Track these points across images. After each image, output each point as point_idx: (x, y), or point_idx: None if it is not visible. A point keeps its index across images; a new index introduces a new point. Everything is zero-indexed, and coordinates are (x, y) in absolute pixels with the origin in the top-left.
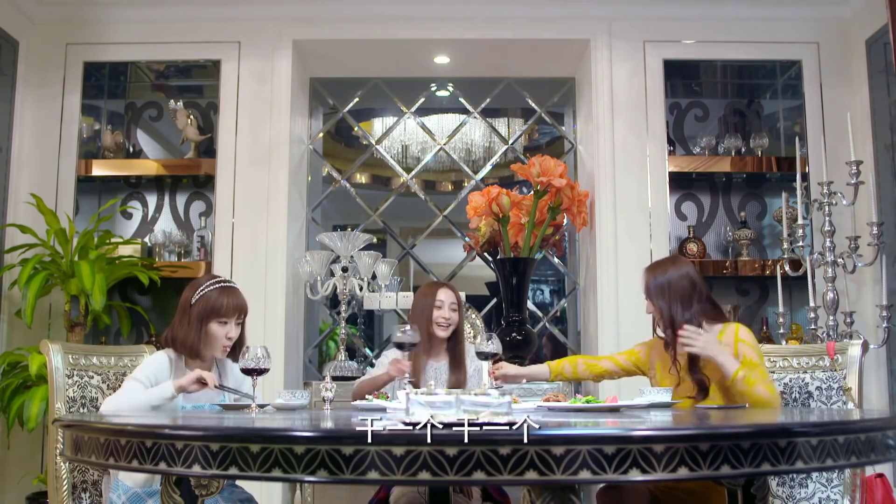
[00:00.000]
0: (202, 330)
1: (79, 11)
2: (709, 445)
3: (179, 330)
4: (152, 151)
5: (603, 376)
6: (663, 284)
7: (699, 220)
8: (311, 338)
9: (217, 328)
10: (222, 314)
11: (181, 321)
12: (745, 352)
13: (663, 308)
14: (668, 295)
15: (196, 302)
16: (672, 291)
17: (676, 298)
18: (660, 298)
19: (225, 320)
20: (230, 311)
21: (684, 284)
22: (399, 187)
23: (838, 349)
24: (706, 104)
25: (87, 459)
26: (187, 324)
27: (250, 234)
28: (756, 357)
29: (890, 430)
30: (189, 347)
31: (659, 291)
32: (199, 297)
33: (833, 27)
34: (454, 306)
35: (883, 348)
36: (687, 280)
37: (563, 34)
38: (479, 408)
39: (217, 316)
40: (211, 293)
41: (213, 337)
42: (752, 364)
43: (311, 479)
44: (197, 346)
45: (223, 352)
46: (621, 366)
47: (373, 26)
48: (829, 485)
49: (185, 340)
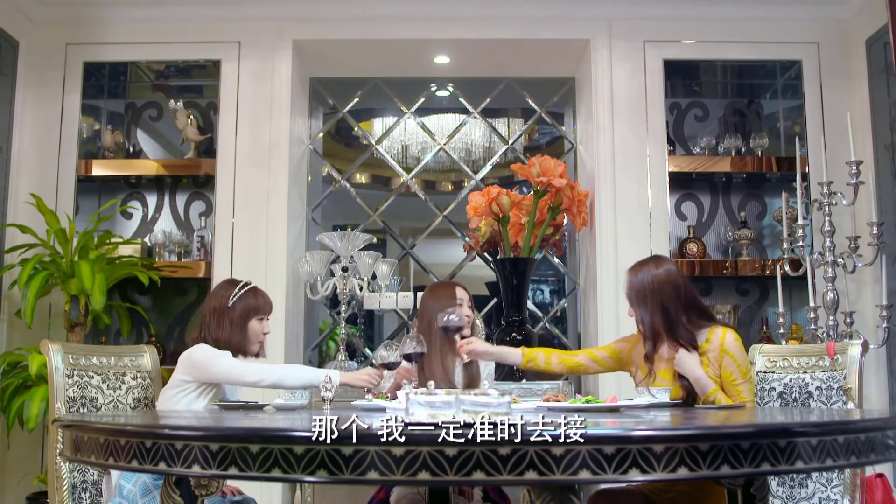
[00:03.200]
0: (245, 328)
1: (79, 11)
2: (709, 445)
3: (220, 331)
4: (152, 151)
5: (578, 370)
6: (644, 289)
7: (699, 220)
8: (311, 338)
9: (257, 324)
10: (261, 311)
11: (220, 323)
12: (728, 366)
13: (644, 316)
14: (650, 301)
15: (234, 304)
16: (653, 297)
17: (657, 306)
18: (641, 305)
19: (262, 317)
20: (268, 308)
21: (667, 290)
22: (399, 187)
23: (838, 349)
24: (706, 104)
25: (87, 459)
26: (229, 324)
27: (250, 234)
28: (737, 374)
29: (890, 430)
30: (234, 345)
31: (640, 297)
32: (237, 299)
33: (833, 27)
34: (470, 304)
35: (883, 348)
36: (669, 285)
37: (563, 34)
38: (479, 408)
39: (257, 313)
40: (247, 294)
41: (254, 333)
42: (732, 381)
43: (311, 479)
44: (242, 343)
45: (259, 346)
46: (599, 361)
47: (373, 26)
48: (829, 485)
49: (230, 339)
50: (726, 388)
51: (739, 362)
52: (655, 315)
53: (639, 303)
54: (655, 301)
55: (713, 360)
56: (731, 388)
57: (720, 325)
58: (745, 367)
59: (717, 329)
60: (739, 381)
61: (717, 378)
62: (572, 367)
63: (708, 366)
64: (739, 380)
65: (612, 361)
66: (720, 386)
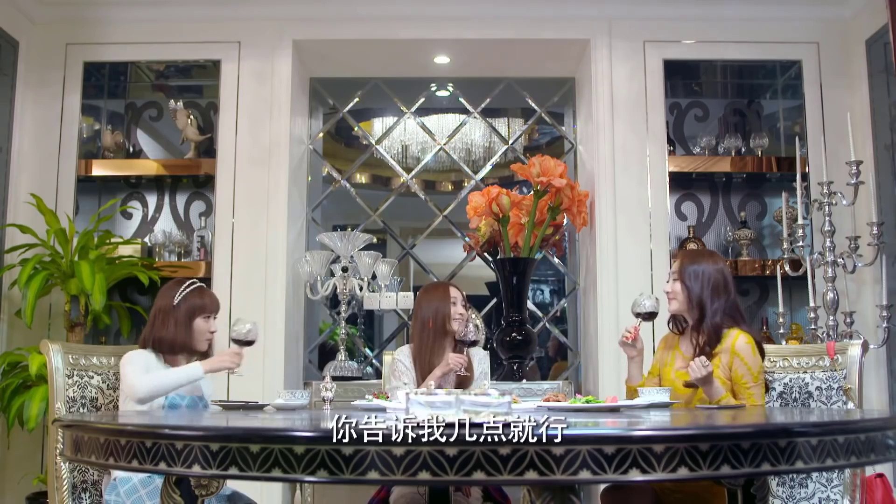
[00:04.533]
0: (190, 326)
1: (79, 11)
2: (709, 445)
3: (164, 330)
4: (152, 151)
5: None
6: (698, 271)
7: (699, 220)
8: (311, 338)
9: (202, 323)
10: (206, 310)
11: (164, 322)
12: (738, 368)
13: (693, 289)
14: (701, 281)
15: (179, 303)
16: (705, 279)
17: (708, 286)
18: (693, 281)
19: (208, 315)
20: (213, 307)
21: (718, 277)
22: (399, 187)
23: (838, 349)
24: (706, 104)
25: (87, 459)
26: (174, 323)
27: (250, 234)
28: (748, 377)
29: (890, 430)
30: (179, 344)
31: (693, 275)
32: (182, 299)
33: (833, 27)
34: (464, 303)
35: (883, 348)
36: (720, 274)
37: (563, 34)
38: (479, 408)
39: (202, 312)
40: (192, 294)
41: (200, 331)
42: (742, 384)
43: (311, 479)
44: (187, 342)
45: (207, 345)
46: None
47: (373, 26)
48: (829, 485)
49: (175, 339)
50: (736, 389)
51: (750, 365)
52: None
53: (692, 278)
54: (707, 281)
55: (724, 362)
56: (742, 390)
57: (738, 328)
58: (757, 370)
59: (734, 331)
60: (750, 385)
61: (727, 380)
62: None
63: (719, 367)
64: (750, 383)
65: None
66: (731, 389)
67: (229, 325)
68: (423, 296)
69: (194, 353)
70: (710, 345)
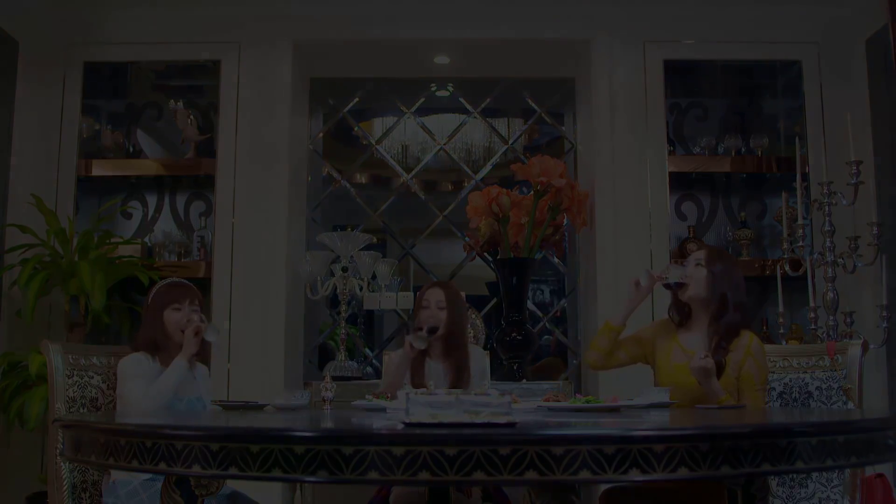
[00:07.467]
0: (160, 320)
1: (79, 11)
2: (709, 445)
3: (142, 331)
4: (152, 151)
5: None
6: (727, 265)
7: (699, 220)
8: (311, 338)
9: (172, 314)
10: (174, 300)
11: (142, 325)
12: (749, 368)
13: (719, 280)
14: (730, 277)
15: (150, 302)
16: (733, 275)
17: (734, 284)
18: (720, 273)
19: (178, 306)
20: (181, 296)
21: (741, 276)
22: (399, 187)
23: (838, 349)
24: (706, 104)
25: (87, 459)
26: (150, 322)
27: (250, 234)
28: (757, 379)
29: (890, 430)
30: (159, 341)
31: (721, 267)
32: (152, 297)
33: (833, 27)
34: (441, 304)
35: (883, 348)
36: (741, 275)
37: (563, 34)
38: (479, 408)
39: (170, 304)
40: (160, 290)
41: (171, 323)
42: (750, 384)
43: (311, 480)
44: (159, 337)
45: (190, 336)
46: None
47: (373, 26)
48: (829, 485)
49: (154, 336)
50: (742, 388)
51: (761, 366)
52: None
53: (717, 264)
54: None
55: (734, 363)
56: (748, 389)
57: (750, 331)
58: (765, 374)
59: (747, 333)
60: (758, 386)
61: (733, 382)
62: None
63: (728, 366)
64: (758, 385)
65: (633, 343)
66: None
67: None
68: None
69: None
70: (725, 341)
